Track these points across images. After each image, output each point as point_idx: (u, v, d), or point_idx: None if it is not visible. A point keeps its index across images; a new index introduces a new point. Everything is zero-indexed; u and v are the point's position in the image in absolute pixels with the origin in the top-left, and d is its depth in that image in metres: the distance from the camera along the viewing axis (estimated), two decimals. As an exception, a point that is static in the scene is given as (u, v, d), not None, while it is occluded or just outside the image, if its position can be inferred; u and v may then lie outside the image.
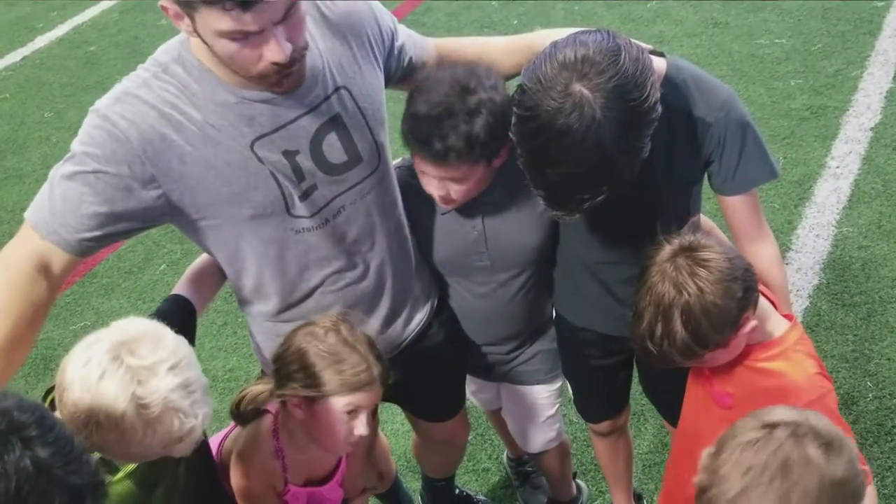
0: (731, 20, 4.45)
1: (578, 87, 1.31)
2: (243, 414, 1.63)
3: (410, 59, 1.71)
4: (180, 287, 1.69)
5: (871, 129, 3.57)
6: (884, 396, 2.53)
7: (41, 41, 5.62)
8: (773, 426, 1.16)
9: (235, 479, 1.60)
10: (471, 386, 2.10)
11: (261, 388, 1.60)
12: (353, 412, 1.52)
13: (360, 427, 1.54)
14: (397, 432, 2.65)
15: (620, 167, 1.37)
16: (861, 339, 2.71)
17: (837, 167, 3.42)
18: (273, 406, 1.63)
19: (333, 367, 1.49)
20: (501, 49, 1.73)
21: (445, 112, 1.54)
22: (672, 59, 1.55)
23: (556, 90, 1.32)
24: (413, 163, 1.67)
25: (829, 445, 1.14)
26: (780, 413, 1.19)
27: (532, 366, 1.99)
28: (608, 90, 1.30)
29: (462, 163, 1.56)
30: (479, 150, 1.56)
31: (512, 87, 1.66)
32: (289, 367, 1.52)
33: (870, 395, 2.53)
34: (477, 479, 2.55)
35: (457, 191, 1.64)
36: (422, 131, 1.55)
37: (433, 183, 1.64)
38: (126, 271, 3.55)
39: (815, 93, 3.82)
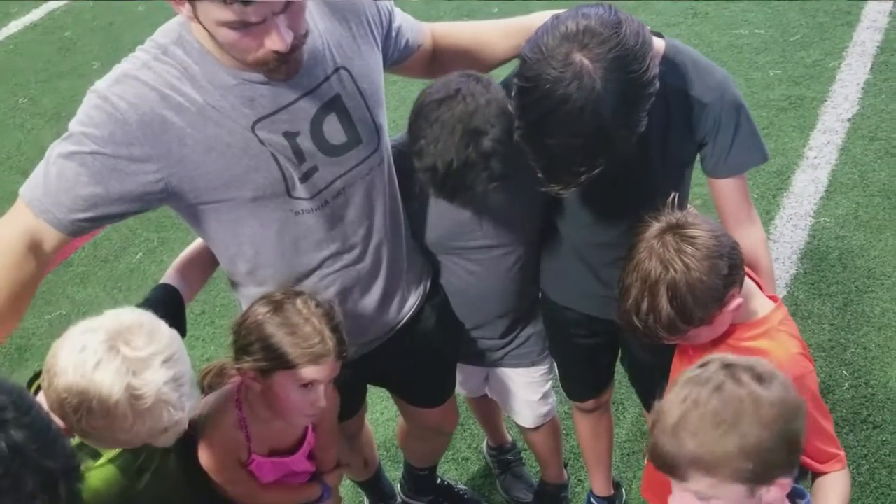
0: (710, 10, 4.45)
1: (579, 57, 1.32)
2: (210, 387, 1.65)
3: (407, 41, 1.71)
4: (169, 276, 1.69)
5: (849, 119, 3.60)
6: (859, 385, 2.56)
7: (15, 26, 5.52)
8: (707, 363, 1.21)
9: (201, 449, 1.60)
10: (457, 375, 2.10)
11: (225, 361, 1.61)
12: (308, 385, 1.52)
13: (319, 399, 1.54)
14: (377, 421, 2.64)
15: (617, 139, 1.38)
16: (837, 329, 2.74)
17: (815, 157, 3.44)
18: (237, 378, 1.63)
19: (287, 339, 1.49)
20: (497, 32, 1.72)
21: (462, 166, 1.54)
22: (670, 40, 1.56)
23: (556, 60, 1.32)
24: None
25: (760, 376, 1.18)
26: (714, 354, 1.25)
27: (526, 348, 2.01)
28: (609, 61, 1.31)
29: None
30: (495, 162, 1.56)
31: (505, 72, 1.66)
32: (245, 338, 1.52)
33: (845, 385, 2.56)
34: (457, 469, 2.56)
35: None
36: (446, 188, 1.58)
37: None
38: (102, 260, 3.51)
39: (794, 83, 3.84)
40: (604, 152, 1.39)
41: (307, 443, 1.73)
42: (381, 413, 2.67)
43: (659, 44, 1.52)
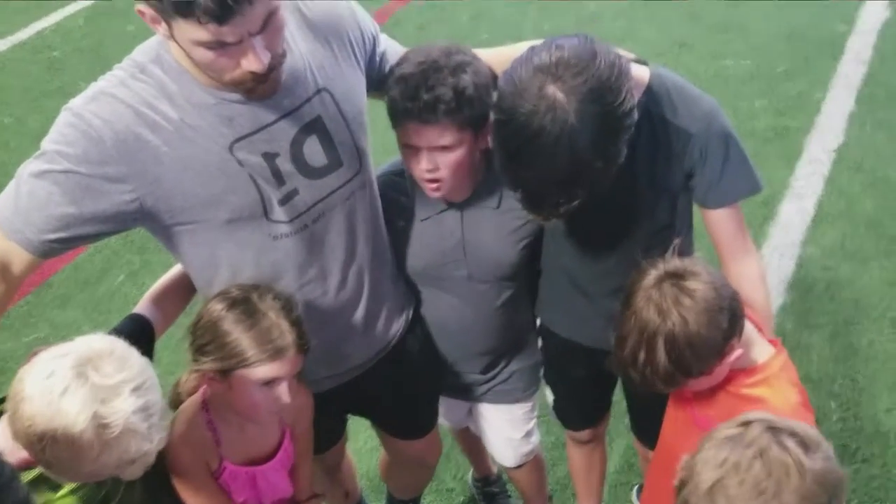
0: (696, 41, 4.50)
1: (553, 90, 1.30)
2: (180, 400, 1.60)
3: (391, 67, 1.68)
4: (142, 306, 1.64)
5: (834, 150, 3.63)
6: (847, 418, 2.54)
7: (3, 45, 5.49)
8: (748, 423, 1.15)
9: (168, 454, 1.52)
10: (440, 406, 2.06)
11: (190, 375, 1.56)
12: (270, 382, 1.46)
13: (283, 395, 1.48)
14: (360, 451, 2.60)
15: (595, 171, 1.36)
16: (825, 360, 2.73)
17: (801, 187, 3.46)
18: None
19: (244, 335, 1.43)
20: (496, 60, 1.66)
21: (431, 68, 1.54)
22: (655, 68, 1.55)
23: (530, 92, 1.31)
24: (399, 142, 1.63)
25: (804, 442, 1.13)
26: (756, 413, 1.19)
27: (510, 384, 1.97)
28: (582, 93, 1.30)
29: (451, 120, 1.54)
30: (467, 109, 1.54)
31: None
32: (201, 338, 1.46)
33: (834, 417, 2.55)
34: (441, 500, 2.51)
35: (445, 164, 1.59)
36: (409, 87, 1.54)
37: (420, 157, 1.59)
38: (83, 282, 3.45)
39: (779, 114, 3.87)
40: (581, 184, 1.38)
41: (283, 449, 1.66)
42: (364, 443, 2.62)
43: (642, 73, 1.51)
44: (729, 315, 1.38)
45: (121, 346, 1.25)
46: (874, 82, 4.00)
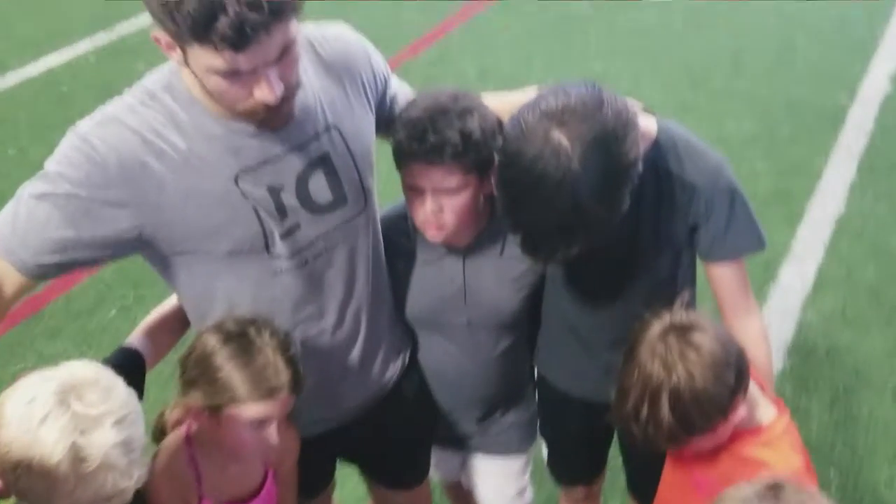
0: (699, 104, 4.55)
1: (558, 135, 1.30)
2: (164, 432, 1.54)
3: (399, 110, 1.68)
4: (134, 338, 1.61)
5: (835, 217, 3.63)
6: (847, 487, 2.49)
7: (13, 78, 5.54)
8: (777, 486, 1.13)
9: (147, 489, 1.45)
10: (432, 457, 2.01)
11: (180, 405, 1.50)
12: (260, 422, 1.42)
13: (272, 436, 1.43)
14: (346, 500, 2.52)
15: (596, 219, 1.35)
16: (824, 427, 2.68)
17: (802, 252, 3.45)
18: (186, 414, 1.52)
19: (238, 372, 1.38)
20: (498, 108, 1.67)
21: (439, 111, 1.54)
22: (664, 121, 1.55)
23: (535, 137, 1.31)
24: (403, 185, 1.62)
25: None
26: (781, 475, 1.17)
27: (505, 437, 1.92)
28: (587, 140, 1.29)
29: (457, 164, 1.54)
30: (473, 152, 1.53)
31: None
32: (192, 371, 1.42)
33: (833, 485, 2.49)
34: (428, 554, 2.43)
35: (451, 207, 1.58)
36: (416, 129, 1.54)
37: (425, 199, 1.58)
38: (75, 314, 3.41)
39: (781, 177, 3.89)
40: (581, 231, 1.37)
41: (266, 490, 1.60)
42: (352, 490, 2.55)
43: (649, 124, 1.51)
44: (735, 371, 1.35)
45: (107, 376, 1.21)
46: (875, 153, 4.03)
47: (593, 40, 5.46)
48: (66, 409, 1.13)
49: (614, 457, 2.15)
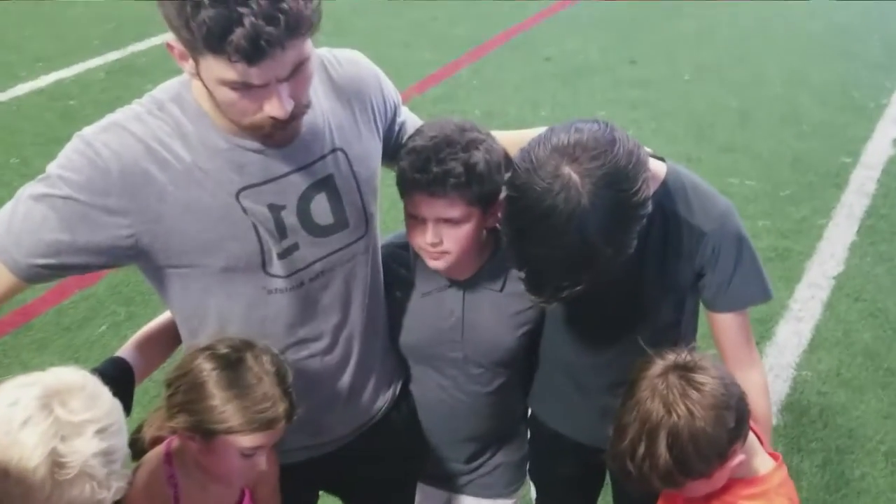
0: (703, 157, 4.57)
1: (568, 171, 1.29)
2: (143, 450, 1.49)
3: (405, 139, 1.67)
4: (125, 351, 1.58)
5: (834, 277, 3.62)
6: (836, 550, 2.44)
7: (21, 89, 5.57)
8: None
9: None
10: (417, 494, 1.96)
11: (158, 421, 1.45)
12: (252, 451, 1.38)
13: (260, 464, 1.40)
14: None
15: (602, 258, 1.33)
16: (815, 488, 2.64)
17: (800, 310, 3.43)
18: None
19: (233, 402, 1.34)
20: (509, 142, 1.66)
21: (444, 142, 1.53)
22: (673, 165, 1.54)
23: (545, 171, 1.30)
24: (405, 212, 1.61)
25: None
26: None
27: (493, 478, 1.88)
28: (597, 177, 1.28)
29: (459, 195, 1.52)
30: (477, 185, 1.52)
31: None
32: (183, 395, 1.37)
33: (822, 548, 2.44)
34: None
35: (451, 238, 1.57)
36: (420, 159, 1.52)
37: (426, 229, 1.57)
38: (64, 327, 3.37)
39: (781, 236, 3.89)
40: (587, 269, 1.35)
41: None
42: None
43: (659, 168, 1.51)
44: (736, 415, 1.33)
45: (93, 383, 1.18)
46: (876, 215, 4.04)
47: (599, 90, 5.51)
48: (49, 413, 1.10)
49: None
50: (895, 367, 3.11)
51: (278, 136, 1.38)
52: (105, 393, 1.18)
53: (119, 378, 1.46)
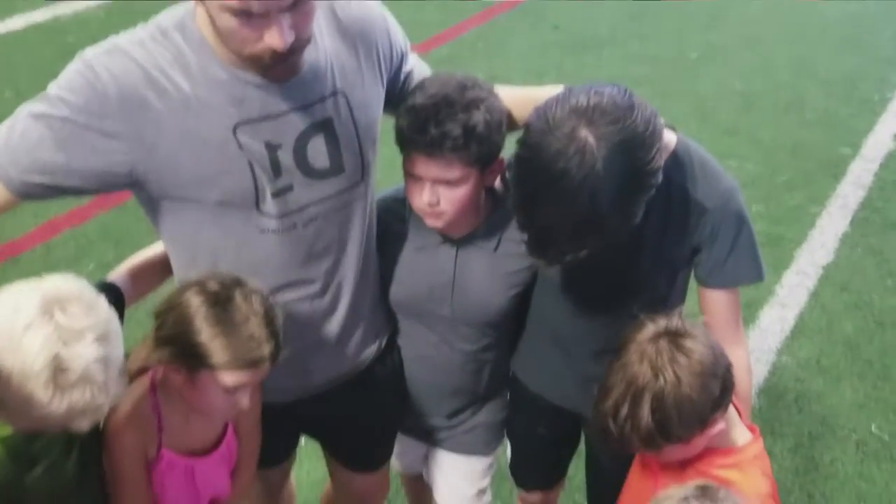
0: (704, 139, 4.49)
1: (584, 133, 1.28)
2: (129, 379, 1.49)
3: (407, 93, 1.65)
4: (116, 276, 1.59)
5: (823, 267, 3.63)
6: (800, 533, 2.49)
7: (19, 21, 5.50)
8: (707, 487, 1.14)
9: (109, 433, 1.43)
10: (396, 446, 1.99)
11: (145, 352, 1.47)
12: (235, 389, 1.39)
13: (243, 401, 1.42)
14: (302, 482, 2.50)
15: (608, 225, 1.33)
16: (785, 470, 2.68)
17: (785, 297, 3.45)
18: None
19: (219, 339, 1.34)
20: (519, 99, 1.64)
21: (444, 101, 1.51)
22: (683, 137, 1.53)
23: (561, 132, 1.28)
24: (404, 170, 1.60)
25: None
26: (704, 481, 1.19)
27: (473, 436, 1.91)
28: (614, 143, 1.27)
29: (457, 157, 1.51)
30: (475, 146, 1.51)
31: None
32: (170, 328, 1.38)
33: (787, 529, 2.49)
34: (374, 547, 2.41)
35: (448, 199, 1.56)
36: (419, 119, 1.51)
37: (424, 188, 1.56)
38: (52, 264, 3.36)
39: (774, 222, 3.89)
40: (593, 235, 1.34)
41: (226, 444, 1.58)
42: (308, 474, 2.53)
43: (670, 137, 1.49)
44: (721, 385, 1.34)
45: (89, 293, 1.20)
46: (870, 208, 4.04)
47: (605, 63, 5.47)
48: (50, 319, 1.13)
49: (573, 475, 2.14)
50: (874, 359, 3.14)
51: (278, 69, 1.37)
52: (102, 302, 1.20)
53: (109, 302, 1.47)
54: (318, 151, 1.47)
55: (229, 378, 1.37)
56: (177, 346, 1.37)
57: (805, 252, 3.73)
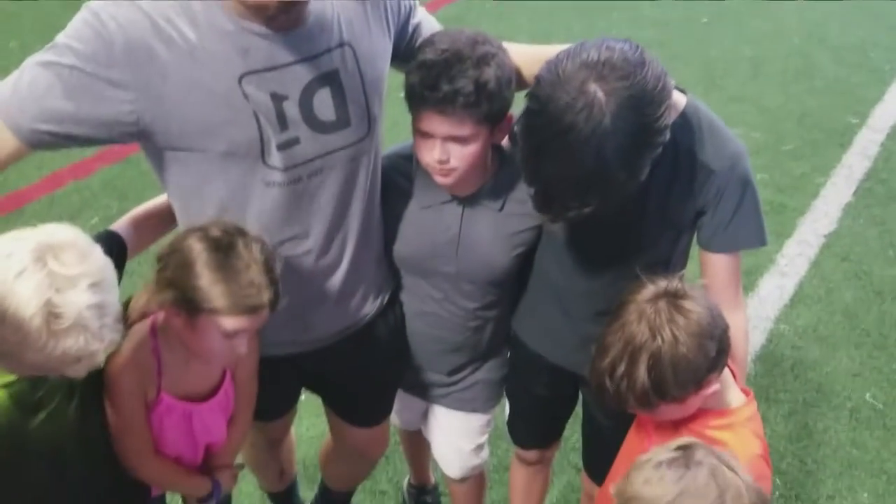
0: (711, 105, 4.46)
1: (594, 88, 1.28)
2: (129, 321, 1.52)
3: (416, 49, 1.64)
4: (119, 225, 1.60)
5: (825, 236, 3.64)
6: (789, 497, 2.53)
7: (27, -26, 5.45)
8: (688, 447, 1.15)
9: (109, 375, 1.47)
10: (396, 403, 2.02)
11: (146, 297, 1.48)
12: (234, 333, 1.42)
13: (241, 347, 1.44)
14: (301, 437, 2.54)
15: (614, 181, 1.33)
16: (778, 437, 2.71)
17: (786, 266, 3.46)
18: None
19: (220, 284, 1.37)
20: (518, 58, 1.62)
21: (455, 57, 1.50)
22: (693, 98, 1.52)
23: (571, 86, 1.28)
24: (413, 127, 1.59)
25: (740, 465, 1.16)
26: (688, 438, 1.20)
27: (472, 393, 1.93)
28: (623, 98, 1.27)
29: (469, 114, 1.51)
30: (487, 103, 1.51)
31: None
32: (172, 272, 1.40)
33: (776, 493, 2.52)
34: (372, 500, 2.46)
35: (458, 156, 1.56)
36: (430, 75, 1.50)
37: (434, 145, 1.56)
38: (56, 217, 3.36)
39: (778, 190, 3.89)
40: (599, 191, 1.34)
41: (223, 391, 1.61)
42: (307, 429, 2.57)
43: (680, 98, 1.49)
44: (718, 346, 1.36)
45: (84, 240, 1.21)
46: (875, 178, 4.03)
47: (616, 25, 5.41)
48: (43, 266, 1.14)
49: (569, 436, 2.17)
50: (871, 329, 3.16)
51: (283, 19, 1.37)
52: (97, 250, 1.21)
53: (112, 251, 1.47)
54: (324, 104, 1.47)
55: (228, 323, 1.39)
56: (177, 289, 1.39)
57: (808, 221, 3.73)
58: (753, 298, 3.27)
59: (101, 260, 1.21)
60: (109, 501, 1.56)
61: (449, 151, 1.56)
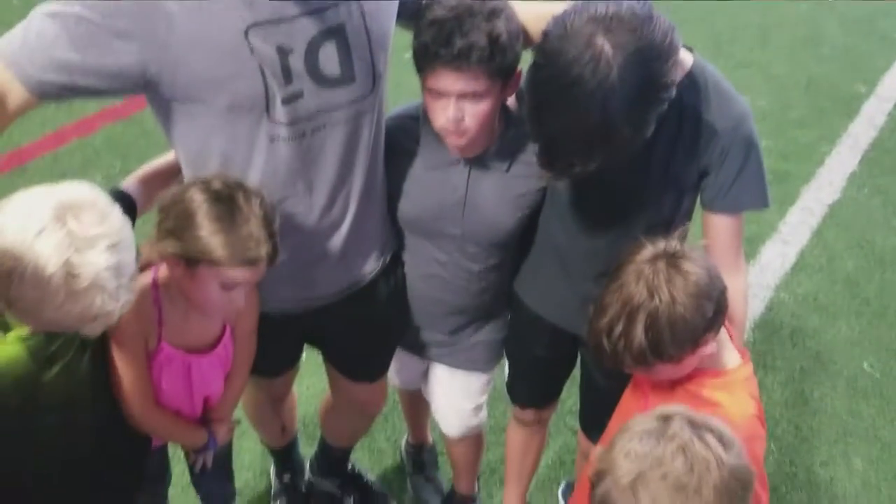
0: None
1: (601, 41, 1.27)
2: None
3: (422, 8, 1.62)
4: (128, 183, 1.61)
5: (828, 205, 3.63)
6: (783, 462, 2.56)
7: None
8: (668, 417, 1.14)
9: (110, 326, 1.46)
10: (394, 363, 2.04)
11: (149, 245, 1.49)
12: (231, 285, 1.44)
13: (238, 299, 1.47)
14: (302, 396, 2.57)
15: (619, 136, 1.33)
16: (774, 403, 2.74)
17: (788, 234, 3.47)
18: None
19: (220, 235, 1.38)
20: (526, 15, 1.61)
21: (466, 12, 1.49)
22: (699, 58, 1.51)
23: (578, 39, 1.28)
24: (424, 89, 1.58)
25: (722, 438, 1.13)
26: (674, 407, 1.18)
27: (473, 353, 1.95)
28: (630, 52, 1.27)
29: (483, 68, 1.50)
30: (500, 57, 1.50)
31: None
32: (173, 222, 1.42)
33: (770, 458, 2.55)
34: (370, 459, 2.50)
35: (472, 114, 1.55)
36: (443, 31, 1.49)
37: (448, 104, 1.55)
38: (59, 174, 3.39)
39: (783, 158, 3.88)
40: (603, 146, 1.34)
41: (223, 345, 1.63)
42: (307, 388, 2.60)
43: (687, 57, 1.48)
44: (715, 307, 1.36)
45: (104, 201, 1.22)
46: (881, 148, 4.01)
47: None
48: (63, 225, 1.15)
49: (566, 398, 2.19)
50: (871, 298, 3.17)
51: None
52: (115, 210, 1.23)
53: (122, 206, 1.50)
54: (329, 59, 1.47)
55: (227, 274, 1.41)
56: (178, 238, 1.41)
57: (811, 189, 3.72)
58: (755, 266, 3.28)
59: (119, 220, 1.22)
60: (115, 451, 1.59)
61: (463, 109, 1.55)
